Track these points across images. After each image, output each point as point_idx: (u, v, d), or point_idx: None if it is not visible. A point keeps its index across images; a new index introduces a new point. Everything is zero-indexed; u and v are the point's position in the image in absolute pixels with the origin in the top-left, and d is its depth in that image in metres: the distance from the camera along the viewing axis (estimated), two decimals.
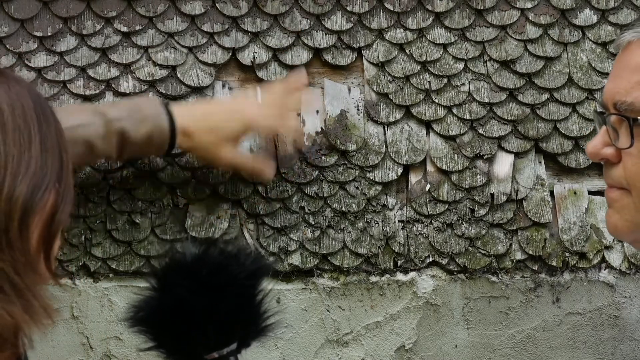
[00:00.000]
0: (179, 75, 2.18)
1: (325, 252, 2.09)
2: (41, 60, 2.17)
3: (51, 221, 1.22)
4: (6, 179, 1.16)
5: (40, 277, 1.23)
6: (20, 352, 1.23)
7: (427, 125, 2.21)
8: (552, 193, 2.19)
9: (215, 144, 1.96)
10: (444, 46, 2.27)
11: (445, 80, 2.24)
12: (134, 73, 2.18)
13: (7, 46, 2.17)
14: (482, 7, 2.29)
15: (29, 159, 1.18)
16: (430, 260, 2.11)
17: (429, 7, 2.28)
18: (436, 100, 2.22)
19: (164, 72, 2.19)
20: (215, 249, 1.47)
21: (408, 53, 2.25)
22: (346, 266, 2.09)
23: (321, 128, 2.18)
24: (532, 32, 2.29)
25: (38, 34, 2.18)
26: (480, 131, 2.21)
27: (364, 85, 2.23)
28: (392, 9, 2.27)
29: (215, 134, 1.96)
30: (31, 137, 1.19)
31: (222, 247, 1.48)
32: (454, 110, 2.22)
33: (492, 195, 2.16)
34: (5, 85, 1.20)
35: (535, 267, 2.13)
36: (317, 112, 2.20)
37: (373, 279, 2.10)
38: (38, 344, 1.32)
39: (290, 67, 2.23)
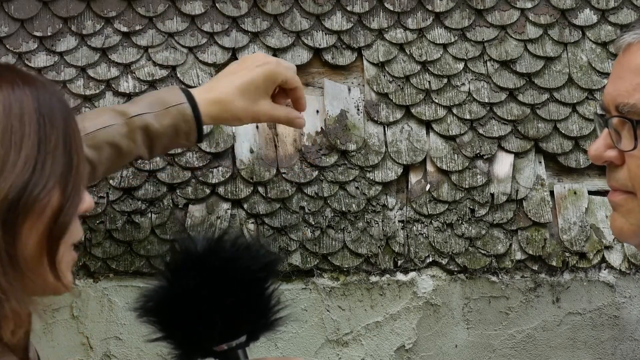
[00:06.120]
0: (179, 75, 2.18)
1: (325, 252, 2.09)
2: (41, 60, 2.17)
3: (53, 224, 1.17)
4: None
5: (45, 284, 1.18)
6: None
7: (427, 125, 2.21)
8: (552, 193, 2.19)
9: (251, 102, 1.86)
10: (444, 46, 2.27)
11: (445, 80, 2.24)
12: (134, 73, 2.18)
13: (7, 46, 2.17)
14: (482, 7, 2.29)
15: (16, 159, 1.15)
16: (430, 260, 2.11)
17: (429, 7, 2.28)
18: (436, 100, 2.22)
19: (164, 72, 2.19)
20: (227, 241, 1.46)
21: (408, 53, 2.25)
22: (346, 266, 2.08)
23: (321, 128, 2.18)
24: (532, 32, 2.29)
25: (38, 34, 2.18)
26: (480, 131, 2.21)
27: (364, 85, 2.23)
28: (392, 9, 2.27)
29: (247, 94, 1.86)
30: (24, 138, 1.16)
31: (234, 239, 1.47)
32: (454, 110, 2.22)
33: (492, 195, 2.16)
34: (10, 87, 1.18)
35: (535, 267, 2.13)
36: (317, 112, 2.20)
37: (373, 279, 2.10)
38: (38, 344, 1.31)
39: None
